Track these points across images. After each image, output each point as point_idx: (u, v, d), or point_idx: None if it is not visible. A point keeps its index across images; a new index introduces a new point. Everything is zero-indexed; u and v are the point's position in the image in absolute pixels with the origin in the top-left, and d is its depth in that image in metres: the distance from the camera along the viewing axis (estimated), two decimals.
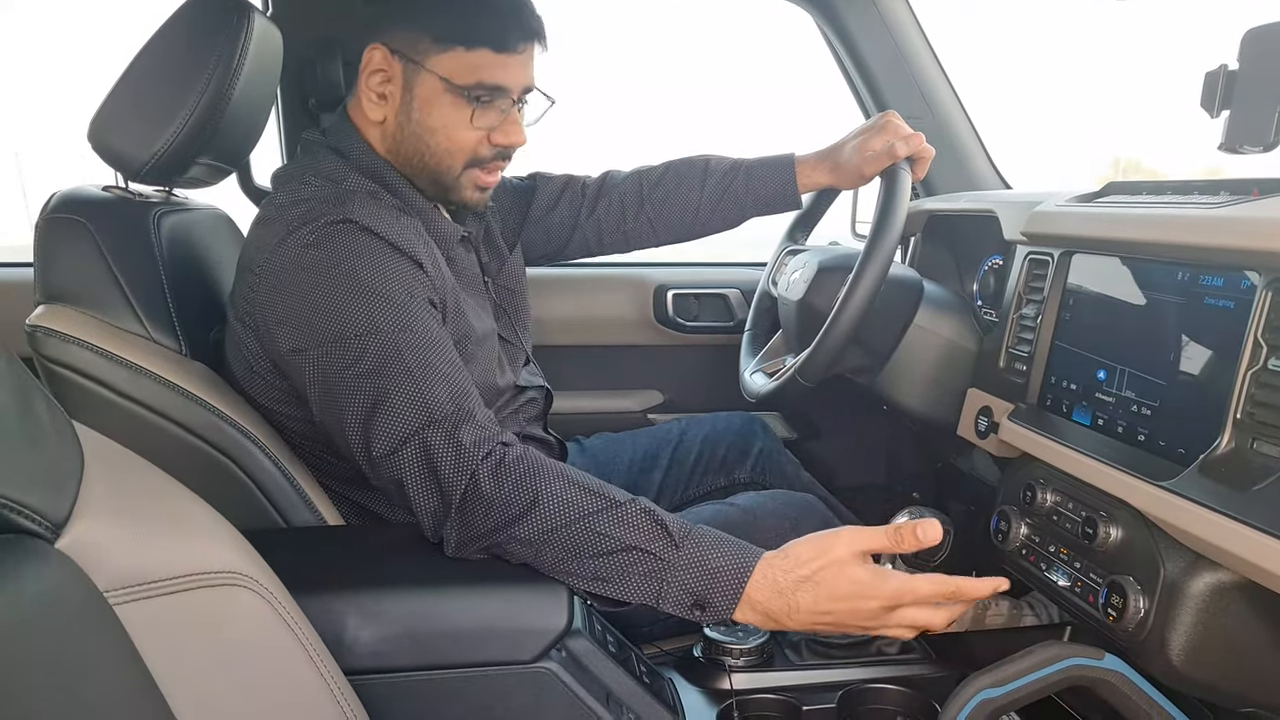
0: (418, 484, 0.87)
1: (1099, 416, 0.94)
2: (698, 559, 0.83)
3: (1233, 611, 0.80)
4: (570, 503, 0.85)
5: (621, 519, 0.84)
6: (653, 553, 0.83)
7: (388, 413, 0.88)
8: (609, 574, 0.84)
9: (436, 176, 1.07)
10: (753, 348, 1.53)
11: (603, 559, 0.84)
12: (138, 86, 1.03)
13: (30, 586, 0.47)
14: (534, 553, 0.85)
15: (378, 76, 1.03)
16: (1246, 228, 0.76)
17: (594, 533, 0.84)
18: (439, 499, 0.87)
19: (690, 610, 0.83)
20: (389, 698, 0.82)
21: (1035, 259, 1.09)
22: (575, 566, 0.85)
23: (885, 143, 1.23)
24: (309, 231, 0.94)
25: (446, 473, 0.86)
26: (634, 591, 0.84)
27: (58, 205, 1.01)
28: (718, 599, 0.82)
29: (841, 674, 1.08)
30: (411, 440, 0.87)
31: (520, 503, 0.85)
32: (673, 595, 0.83)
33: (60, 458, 0.52)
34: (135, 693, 0.53)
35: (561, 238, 1.43)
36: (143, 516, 0.58)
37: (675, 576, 0.82)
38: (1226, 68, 0.80)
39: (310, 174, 1.03)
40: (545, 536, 0.84)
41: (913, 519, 1.07)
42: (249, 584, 0.61)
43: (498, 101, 1.04)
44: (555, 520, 0.84)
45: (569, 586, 0.86)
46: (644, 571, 0.83)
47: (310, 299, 0.92)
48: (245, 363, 1.02)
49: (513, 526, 0.85)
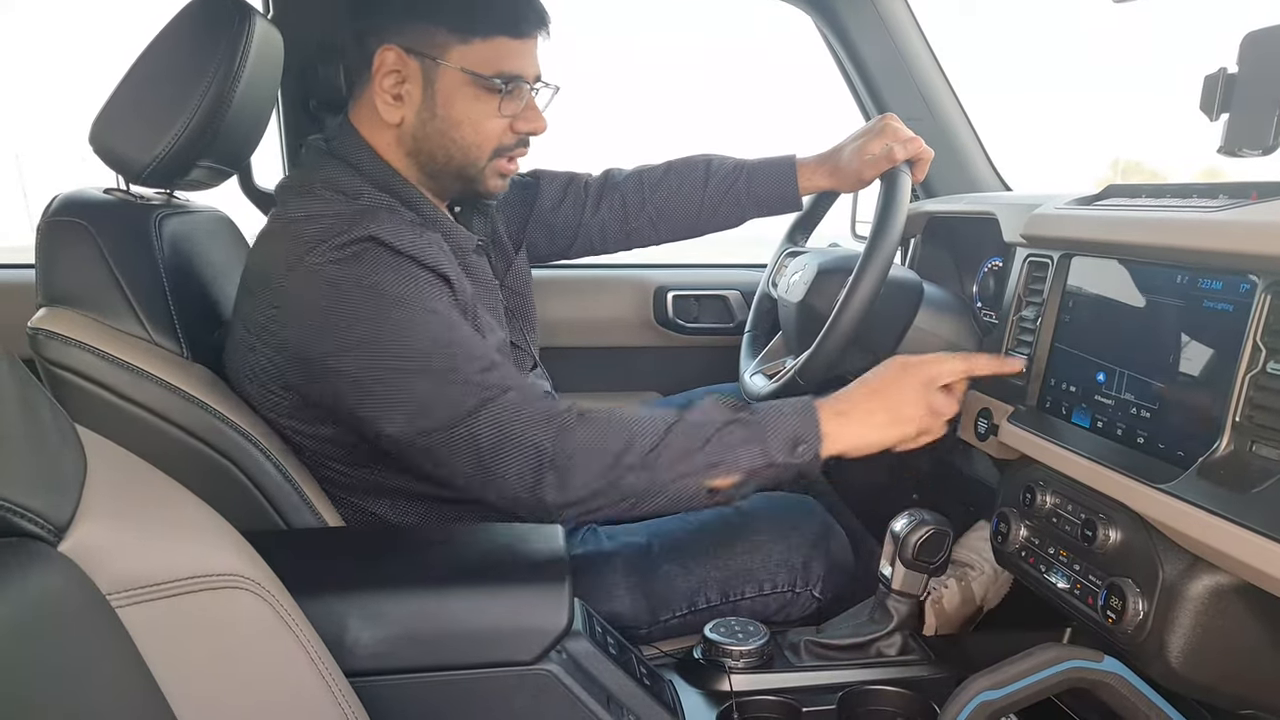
0: (494, 452, 0.89)
1: (1098, 419, 0.94)
2: (773, 411, 0.95)
3: (1231, 614, 0.80)
4: (659, 418, 0.93)
5: (703, 411, 0.94)
6: (743, 420, 0.93)
7: (450, 392, 0.90)
8: (719, 455, 0.92)
9: (462, 170, 1.07)
10: (753, 349, 1.53)
11: (708, 445, 0.92)
12: (139, 89, 1.03)
13: (33, 589, 0.47)
14: (648, 475, 0.90)
15: (392, 78, 1.02)
16: (1245, 231, 0.76)
17: (690, 426, 0.92)
18: (529, 458, 0.89)
19: (793, 451, 0.93)
20: (390, 699, 0.82)
21: (1035, 261, 1.09)
22: (688, 464, 0.91)
23: (884, 146, 1.23)
24: (329, 249, 0.92)
25: (535, 430, 0.89)
26: (744, 457, 0.92)
27: (59, 208, 1.01)
28: (806, 432, 0.94)
29: (841, 676, 1.08)
30: (485, 409, 0.89)
31: (618, 435, 0.91)
32: (775, 445, 0.93)
33: (63, 461, 0.53)
34: (137, 695, 0.53)
35: (567, 236, 1.43)
36: (145, 519, 0.58)
37: (770, 429, 0.93)
38: (1226, 71, 0.80)
39: (320, 186, 1.01)
40: (654, 450, 0.91)
41: (912, 521, 1.08)
42: (251, 586, 0.61)
43: (518, 89, 1.04)
44: (655, 434, 0.91)
45: (685, 493, 0.92)
46: (744, 437, 0.93)
47: (340, 310, 0.91)
48: (253, 374, 1.01)
49: (622, 457, 0.90)
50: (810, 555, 1.21)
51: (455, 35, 1.00)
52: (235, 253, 1.27)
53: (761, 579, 1.19)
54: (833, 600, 1.22)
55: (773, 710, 1.04)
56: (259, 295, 0.98)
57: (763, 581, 1.20)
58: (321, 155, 1.06)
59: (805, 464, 0.95)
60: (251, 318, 0.99)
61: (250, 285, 1.01)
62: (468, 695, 0.85)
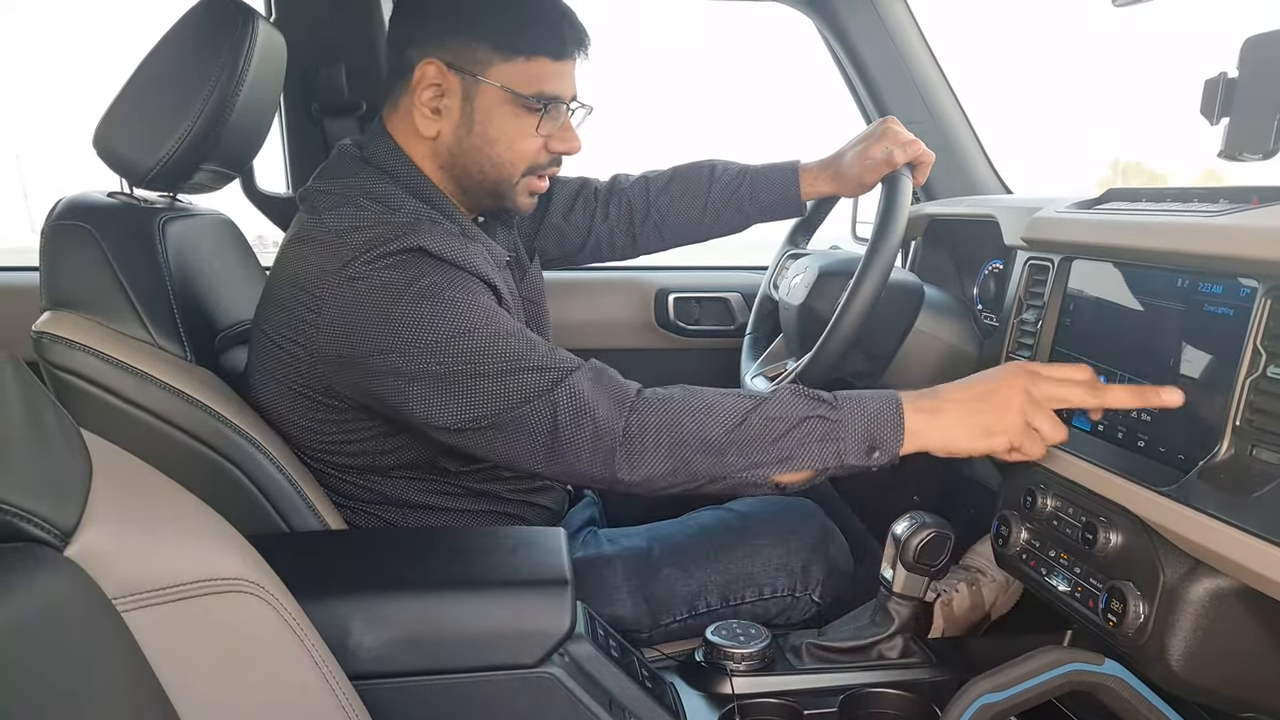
0: (573, 427, 0.89)
1: (1099, 422, 0.95)
2: (858, 409, 0.90)
3: (1232, 617, 0.81)
4: (735, 405, 0.90)
5: (782, 402, 0.91)
6: (824, 416, 0.90)
7: (519, 378, 0.90)
8: (791, 450, 0.90)
9: (495, 186, 1.07)
10: (754, 351, 1.53)
11: (783, 439, 0.89)
12: (143, 93, 1.03)
13: (39, 594, 0.47)
14: (717, 459, 0.89)
15: (431, 91, 1.02)
16: (1246, 236, 0.77)
17: (767, 419, 0.90)
18: (600, 435, 0.89)
19: (868, 455, 0.90)
20: (392, 702, 0.82)
21: (1036, 264, 1.10)
22: (760, 455, 0.90)
23: (885, 150, 1.24)
24: (378, 256, 0.93)
25: (604, 408, 0.89)
26: (817, 457, 0.90)
27: (63, 211, 1.01)
28: (886, 435, 0.90)
29: (843, 679, 1.08)
30: (557, 388, 0.90)
31: (690, 415, 0.89)
32: (851, 447, 0.90)
33: (68, 466, 0.53)
34: (142, 698, 0.54)
35: (576, 241, 1.44)
36: (150, 524, 0.59)
37: (848, 430, 0.90)
38: (1226, 75, 0.80)
39: (360, 195, 1.00)
40: (726, 436, 0.89)
41: (913, 524, 1.08)
42: (255, 590, 0.62)
43: (556, 109, 1.05)
44: (730, 420, 0.89)
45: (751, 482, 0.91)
46: (821, 435, 0.90)
47: (394, 313, 0.91)
48: (288, 380, 1.01)
49: (694, 440, 0.89)
50: (810, 559, 1.21)
51: (498, 53, 1.01)
52: (238, 256, 1.27)
53: (761, 583, 1.20)
54: (833, 604, 1.22)
55: (774, 713, 1.04)
56: (298, 302, 0.97)
57: (763, 585, 1.20)
58: (356, 162, 1.06)
59: (880, 466, 0.92)
60: (288, 325, 0.98)
61: (285, 292, 0.99)
62: (470, 698, 0.85)
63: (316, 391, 1.00)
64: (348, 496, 1.08)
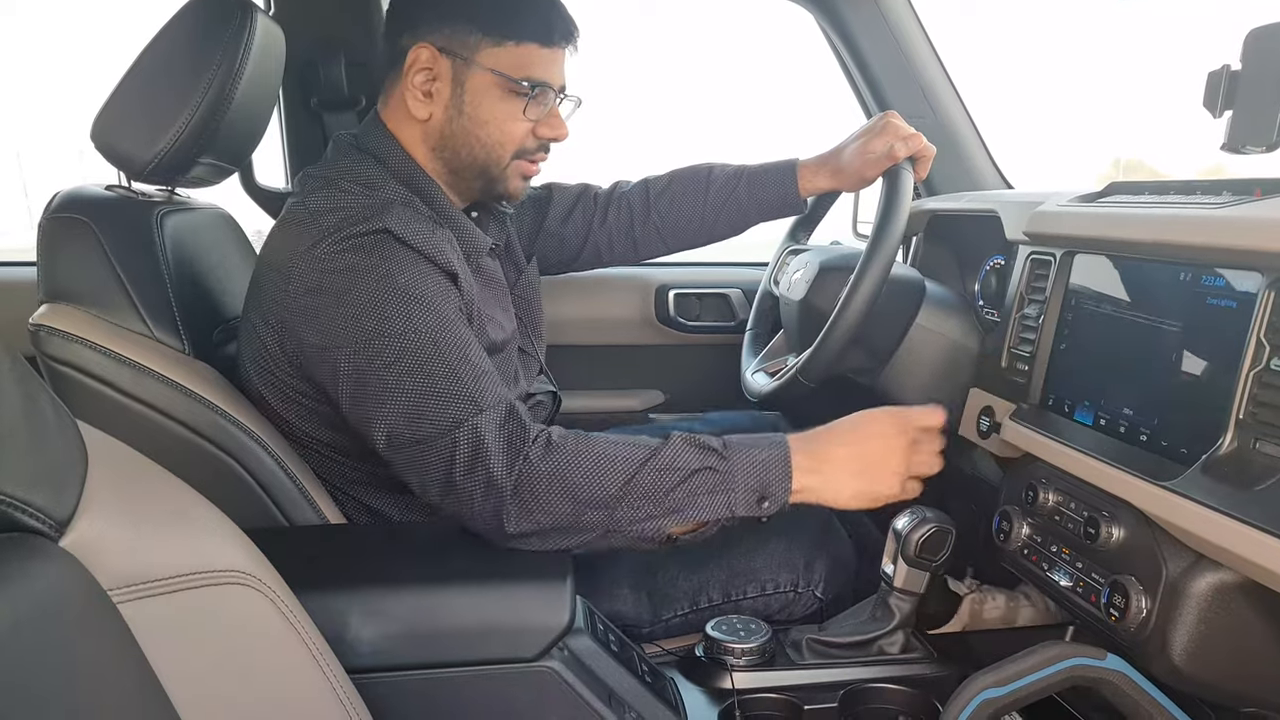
0: (467, 471, 0.88)
1: (1101, 416, 0.94)
2: (747, 459, 0.92)
3: (1235, 611, 0.80)
4: (627, 458, 0.90)
5: (675, 453, 0.91)
6: (713, 468, 0.91)
7: (433, 404, 0.89)
8: (682, 503, 0.90)
9: (485, 168, 1.09)
10: (754, 347, 1.53)
11: (674, 491, 0.90)
12: (141, 86, 1.03)
13: (34, 585, 0.47)
14: (608, 514, 0.89)
15: (423, 75, 1.04)
16: (1249, 228, 0.76)
17: (657, 472, 0.90)
18: (492, 484, 0.88)
19: (757, 505, 0.91)
20: (391, 696, 0.82)
21: (1037, 259, 1.09)
22: (651, 508, 0.90)
23: (886, 144, 1.23)
24: (343, 238, 0.94)
25: (498, 458, 0.88)
26: (707, 508, 0.91)
27: (61, 204, 1.01)
28: (775, 486, 0.91)
29: (843, 673, 1.08)
30: (461, 428, 0.89)
31: (582, 471, 0.89)
32: (740, 498, 0.91)
33: (64, 456, 0.53)
34: (139, 690, 0.53)
35: (575, 246, 1.45)
36: (146, 515, 0.58)
37: (738, 481, 0.91)
38: (1229, 68, 0.80)
39: (345, 178, 1.02)
40: (619, 492, 0.89)
41: (914, 519, 1.08)
42: (252, 582, 0.61)
43: (543, 94, 1.06)
44: (622, 474, 0.89)
45: (644, 536, 0.91)
46: (711, 487, 0.91)
47: (347, 298, 0.92)
48: (261, 362, 1.02)
49: (586, 495, 0.88)
50: (812, 555, 1.21)
51: (488, 38, 1.03)
52: (237, 249, 1.27)
53: (764, 578, 1.20)
54: (834, 600, 1.22)
55: (774, 708, 1.04)
56: (270, 282, 0.99)
57: (765, 581, 1.20)
58: (347, 148, 1.08)
59: (769, 516, 0.93)
60: (263, 304, 1.00)
61: (263, 273, 1.02)
62: (469, 692, 0.85)
63: (286, 373, 1.00)
64: (345, 480, 1.08)
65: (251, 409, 1.02)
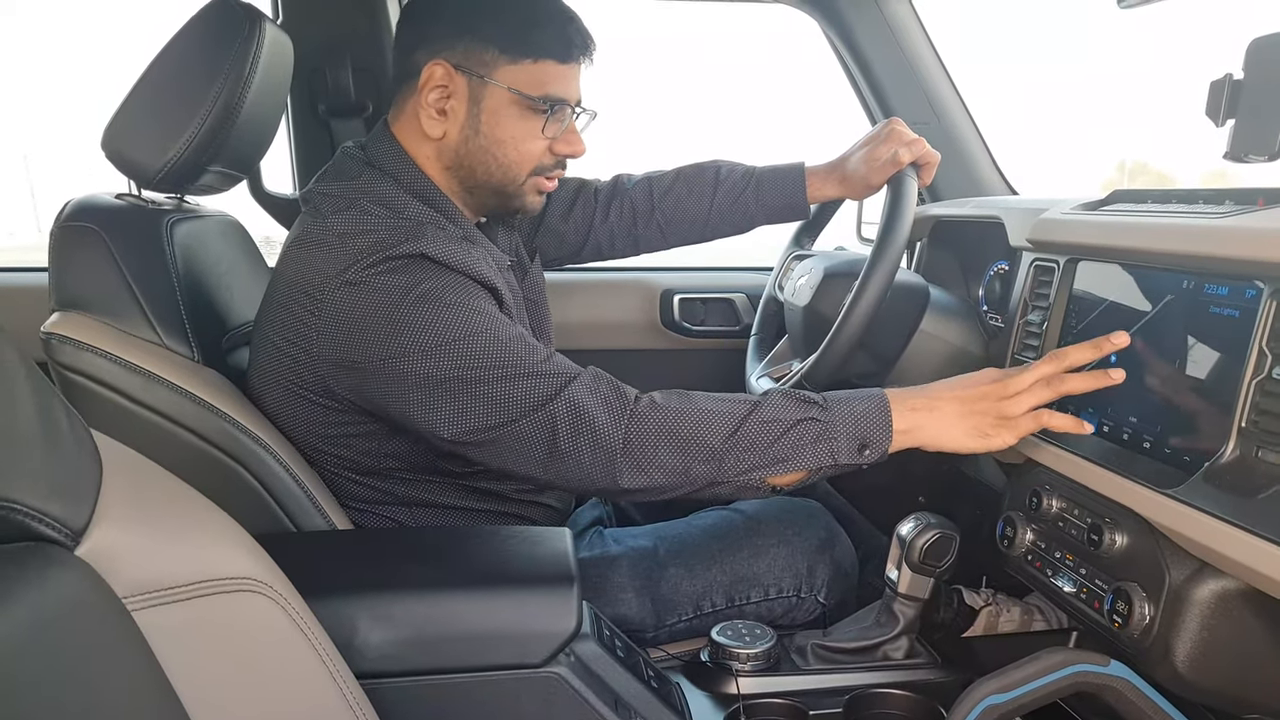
0: (572, 437, 0.90)
1: (1104, 424, 0.95)
2: (847, 410, 0.93)
3: (1237, 619, 0.81)
4: (731, 412, 0.92)
5: (775, 406, 0.93)
6: (815, 419, 0.92)
7: (517, 388, 0.91)
8: (788, 453, 0.92)
9: (501, 187, 1.08)
10: (759, 352, 1.53)
11: (778, 442, 0.92)
12: (151, 95, 1.04)
13: (51, 593, 0.48)
14: (717, 464, 0.91)
15: (437, 92, 1.03)
16: (1251, 238, 0.77)
17: (762, 423, 0.92)
18: (599, 443, 0.90)
19: (859, 454, 0.92)
20: (399, 701, 0.82)
21: (1041, 265, 1.10)
22: (756, 459, 0.92)
23: (890, 150, 1.24)
24: (379, 261, 0.93)
25: (602, 417, 0.90)
26: (811, 457, 0.92)
27: (72, 213, 1.02)
28: (876, 434, 0.92)
29: (848, 679, 1.08)
30: (555, 400, 0.90)
31: (689, 422, 0.91)
32: (843, 447, 0.92)
33: (80, 466, 0.53)
34: (153, 696, 0.54)
35: (575, 243, 1.44)
36: (160, 523, 0.59)
37: (839, 430, 0.92)
38: (1232, 77, 0.80)
39: (364, 198, 1.01)
40: (724, 442, 0.91)
41: (918, 525, 1.08)
42: (263, 589, 0.62)
43: (561, 112, 1.05)
44: (727, 425, 0.91)
45: (749, 485, 0.93)
46: (814, 436, 0.92)
47: (395, 314, 0.92)
48: (287, 383, 1.01)
49: (692, 444, 0.90)
50: (815, 560, 1.21)
51: (505, 55, 1.01)
52: (246, 257, 1.27)
53: (767, 583, 1.20)
54: (838, 605, 1.22)
55: (779, 713, 1.04)
56: (298, 305, 0.97)
57: (768, 586, 1.20)
58: (359, 164, 1.06)
59: (871, 464, 0.94)
60: (289, 326, 0.98)
61: (286, 294, 0.99)
62: (476, 698, 0.85)
63: (315, 394, 1.00)
64: (353, 496, 1.08)
65: (260, 416, 1.03)
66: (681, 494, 0.93)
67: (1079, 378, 0.91)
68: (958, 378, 0.98)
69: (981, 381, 0.96)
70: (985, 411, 0.94)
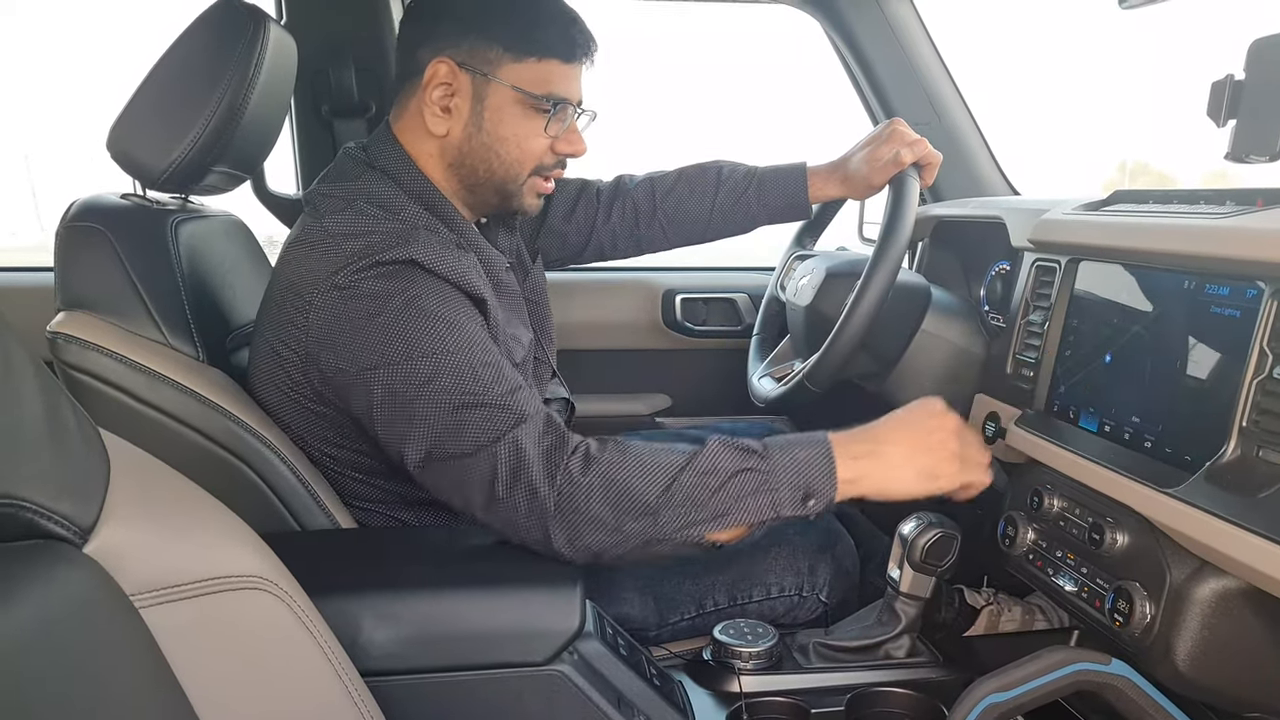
0: (510, 485, 0.88)
1: (1106, 423, 0.95)
2: (788, 458, 0.90)
3: (1238, 618, 0.81)
4: (667, 463, 0.89)
5: (713, 455, 0.89)
6: (754, 469, 0.89)
7: (472, 418, 0.89)
8: (726, 507, 0.88)
9: (502, 185, 1.08)
10: (761, 352, 1.53)
11: (716, 495, 0.88)
12: (156, 96, 1.04)
13: (59, 590, 0.48)
14: (653, 521, 0.87)
15: (441, 90, 1.02)
16: (1252, 238, 0.77)
17: (699, 474, 0.88)
18: (535, 498, 0.87)
19: (803, 504, 0.89)
20: (403, 699, 0.83)
21: (1042, 266, 1.10)
22: (695, 515, 0.88)
23: (892, 151, 1.24)
24: (368, 265, 0.92)
25: (538, 470, 0.87)
26: (752, 510, 0.89)
27: (78, 213, 1.02)
28: (819, 482, 0.90)
29: (849, 677, 1.08)
30: (501, 441, 0.88)
31: (622, 480, 0.87)
32: (785, 498, 0.89)
33: (88, 464, 0.54)
34: (160, 693, 0.54)
35: (578, 243, 1.44)
36: (167, 522, 0.59)
37: (781, 480, 0.89)
38: (1233, 77, 0.80)
39: (361, 199, 1.00)
40: (661, 498, 0.87)
41: (920, 524, 1.08)
42: (269, 587, 0.62)
43: (564, 111, 1.05)
44: (663, 480, 0.88)
45: (688, 542, 0.89)
46: (755, 487, 0.89)
47: (376, 323, 0.91)
48: (280, 384, 1.01)
49: (626, 502, 0.87)
50: (817, 559, 1.22)
51: (510, 54, 1.02)
52: (250, 256, 1.28)
53: (769, 582, 1.20)
54: (839, 604, 1.22)
55: (781, 711, 1.05)
56: (291, 305, 0.97)
57: (770, 585, 1.20)
58: (359, 165, 1.06)
59: (816, 514, 0.91)
60: (282, 327, 0.98)
61: (281, 295, 1.00)
62: (480, 696, 0.85)
63: (307, 397, 1.00)
64: (357, 495, 1.09)
65: (264, 415, 1.03)
66: (618, 554, 0.89)
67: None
68: (904, 412, 0.97)
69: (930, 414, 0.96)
70: (934, 448, 0.94)
